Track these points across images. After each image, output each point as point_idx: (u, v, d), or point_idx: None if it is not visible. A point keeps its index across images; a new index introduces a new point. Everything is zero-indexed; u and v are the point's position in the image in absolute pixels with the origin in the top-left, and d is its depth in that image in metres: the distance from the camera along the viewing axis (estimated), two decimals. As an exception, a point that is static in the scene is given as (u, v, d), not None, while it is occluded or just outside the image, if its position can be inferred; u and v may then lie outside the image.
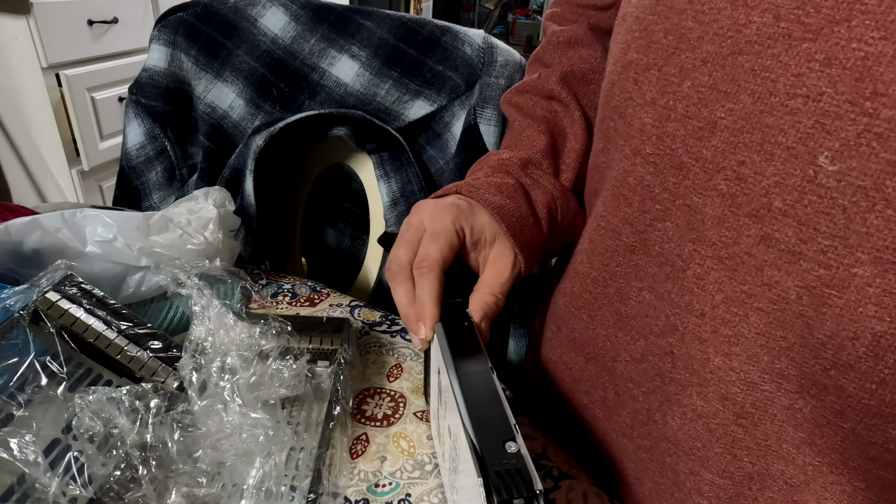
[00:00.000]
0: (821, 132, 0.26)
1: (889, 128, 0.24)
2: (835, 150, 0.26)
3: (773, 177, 0.28)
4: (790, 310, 0.29)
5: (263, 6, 0.76)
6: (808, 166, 0.26)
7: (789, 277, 0.28)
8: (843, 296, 0.27)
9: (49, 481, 0.33)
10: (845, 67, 0.25)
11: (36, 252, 0.46)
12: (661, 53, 0.32)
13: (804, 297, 0.28)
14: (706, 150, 0.31)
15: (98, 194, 1.62)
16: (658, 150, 0.33)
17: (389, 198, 0.72)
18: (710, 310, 0.32)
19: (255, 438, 0.38)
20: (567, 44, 0.52)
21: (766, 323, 0.30)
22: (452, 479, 0.37)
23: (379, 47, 0.71)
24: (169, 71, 0.80)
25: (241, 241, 0.64)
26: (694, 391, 0.34)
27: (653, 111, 0.33)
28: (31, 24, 1.33)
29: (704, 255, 0.32)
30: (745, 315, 0.31)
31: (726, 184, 0.30)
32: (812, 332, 0.28)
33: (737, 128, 0.29)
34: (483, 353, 0.35)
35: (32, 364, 0.37)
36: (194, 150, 0.86)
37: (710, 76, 0.30)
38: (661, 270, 0.35)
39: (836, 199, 0.26)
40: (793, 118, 0.27)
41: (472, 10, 4.92)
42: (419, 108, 0.70)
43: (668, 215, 0.34)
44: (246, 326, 0.43)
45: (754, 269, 0.30)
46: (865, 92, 0.24)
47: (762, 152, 0.28)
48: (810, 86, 0.26)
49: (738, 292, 0.31)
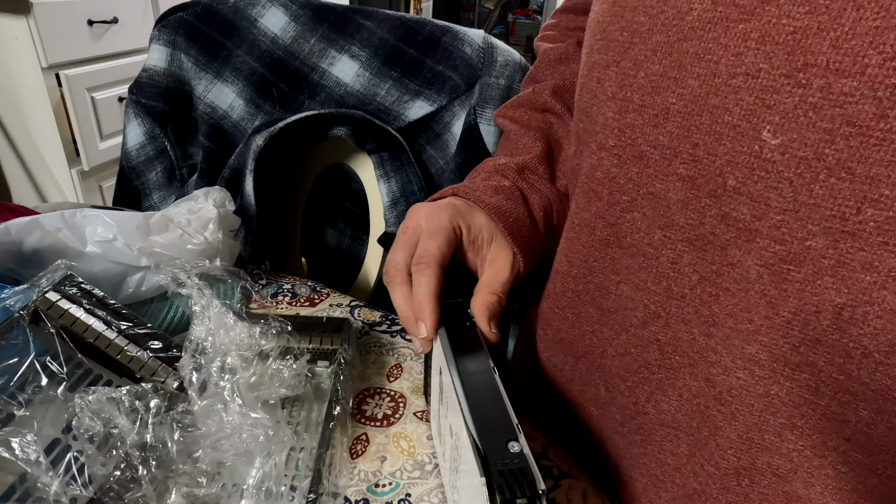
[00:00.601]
0: (762, 107, 0.27)
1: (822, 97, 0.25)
2: (776, 123, 0.26)
3: (724, 156, 0.29)
4: (753, 289, 0.29)
5: (263, 6, 0.76)
6: (754, 142, 0.27)
7: (749, 256, 0.29)
8: (800, 270, 0.27)
9: (50, 481, 0.33)
10: (778, 43, 0.26)
11: (36, 252, 0.46)
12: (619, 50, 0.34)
13: (764, 275, 0.28)
14: (662, 136, 0.31)
15: (98, 194, 1.62)
16: (620, 141, 0.34)
17: (389, 198, 0.72)
18: (688, 291, 0.33)
19: (255, 438, 0.38)
20: (558, 60, 0.54)
21: (733, 304, 0.30)
22: (453, 479, 0.37)
23: (379, 47, 0.71)
24: (169, 71, 0.80)
25: (241, 241, 0.64)
26: (686, 372, 0.34)
27: (613, 105, 0.34)
28: (31, 24, 1.33)
29: (675, 239, 0.32)
30: (716, 296, 0.31)
31: (684, 167, 0.31)
32: (776, 310, 0.28)
33: (687, 111, 0.30)
34: (485, 353, 0.35)
35: (32, 364, 0.37)
36: (194, 150, 0.86)
37: (660, 64, 0.31)
38: (635, 261, 0.36)
39: (782, 173, 0.27)
40: (736, 96, 0.28)
41: (472, 10, 4.92)
42: (419, 108, 0.70)
43: (635, 205, 0.35)
44: (246, 326, 0.43)
45: (719, 248, 0.30)
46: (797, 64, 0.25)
47: (712, 133, 0.29)
48: (749, 63, 0.27)
49: (709, 272, 0.31)
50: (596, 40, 0.36)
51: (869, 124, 0.24)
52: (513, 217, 0.44)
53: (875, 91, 0.23)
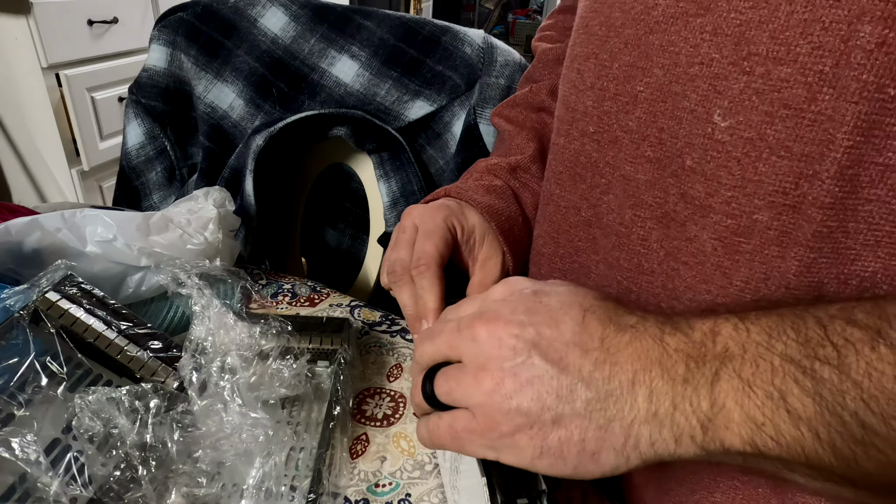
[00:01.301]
0: (713, 93, 0.29)
1: (763, 82, 0.27)
2: (725, 107, 0.29)
3: (683, 138, 0.31)
4: (709, 262, 0.31)
5: (263, 6, 0.76)
6: (707, 125, 0.30)
7: (704, 231, 0.31)
8: (750, 241, 0.30)
9: (50, 481, 0.33)
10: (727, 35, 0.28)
11: (36, 252, 0.46)
12: (597, 43, 0.36)
13: (718, 248, 0.31)
14: (632, 121, 0.34)
15: (98, 194, 1.62)
16: (599, 127, 0.37)
17: (389, 198, 0.72)
18: (657, 266, 0.35)
19: (254, 438, 0.38)
20: (556, 60, 0.55)
21: (692, 277, 0.33)
22: (453, 479, 0.37)
23: (379, 47, 0.71)
24: (169, 71, 0.80)
25: (241, 241, 0.64)
26: None
27: (593, 94, 0.37)
28: (31, 24, 1.33)
29: (644, 217, 0.35)
30: (677, 270, 0.33)
31: (651, 150, 0.33)
32: (730, 280, 0.31)
33: (653, 98, 0.32)
34: None
35: (32, 364, 0.37)
36: (194, 150, 0.86)
37: (630, 55, 0.33)
38: (609, 240, 0.38)
39: (731, 152, 0.29)
40: (693, 84, 0.30)
41: (472, 10, 4.92)
42: (419, 108, 0.70)
43: (611, 187, 0.37)
44: (246, 326, 0.43)
45: (679, 224, 0.33)
46: (743, 53, 0.28)
47: (674, 118, 0.31)
48: (703, 54, 0.29)
49: (672, 247, 0.33)
50: (578, 34, 0.39)
51: (801, 107, 0.27)
52: (504, 216, 0.45)
53: (806, 77, 0.26)
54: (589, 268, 0.40)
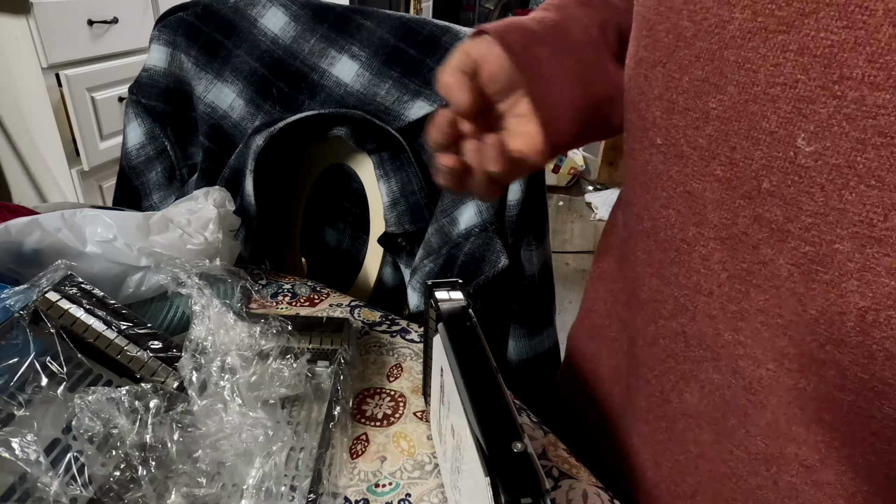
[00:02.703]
0: (798, 116, 0.28)
1: (856, 108, 0.26)
2: (810, 131, 0.27)
3: (760, 160, 0.30)
4: (784, 286, 0.30)
5: (263, 6, 0.76)
6: (789, 148, 0.28)
7: (780, 255, 0.30)
8: (828, 271, 0.28)
9: (50, 481, 0.33)
10: (815, 55, 0.27)
11: (36, 252, 0.46)
12: (665, 51, 0.34)
13: (794, 273, 0.30)
14: (702, 138, 0.33)
15: (98, 194, 1.62)
16: (665, 140, 0.35)
17: (389, 198, 0.72)
18: (716, 288, 0.34)
19: (254, 438, 0.38)
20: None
21: (765, 300, 0.32)
22: (454, 478, 0.37)
23: (379, 47, 0.71)
24: (169, 71, 0.80)
25: (241, 241, 0.64)
26: (709, 365, 0.36)
27: (661, 105, 0.35)
28: (31, 24, 1.33)
29: (707, 236, 0.34)
30: (746, 292, 0.32)
31: (721, 169, 0.32)
32: (805, 308, 0.30)
33: (727, 117, 0.31)
34: (487, 354, 0.36)
35: (32, 364, 0.37)
36: (194, 150, 0.86)
37: (702, 70, 0.32)
38: (667, 256, 0.37)
39: (815, 178, 0.28)
40: (773, 105, 0.29)
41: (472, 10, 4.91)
42: (419, 107, 0.70)
43: (672, 202, 0.36)
44: (246, 326, 0.43)
45: (751, 247, 0.32)
46: (833, 76, 0.26)
47: (749, 138, 0.30)
48: (787, 74, 0.28)
49: (740, 270, 0.32)
50: (643, 36, 0.37)
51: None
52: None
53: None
54: (642, 280, 0.40)
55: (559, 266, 2.32)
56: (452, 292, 0.41)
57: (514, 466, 0.28)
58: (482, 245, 0.66)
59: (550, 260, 0.73)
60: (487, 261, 0.66)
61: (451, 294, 0.41)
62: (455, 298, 0.40)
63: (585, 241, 2.56)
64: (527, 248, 0.70)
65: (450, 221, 0.67)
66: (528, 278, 0.71)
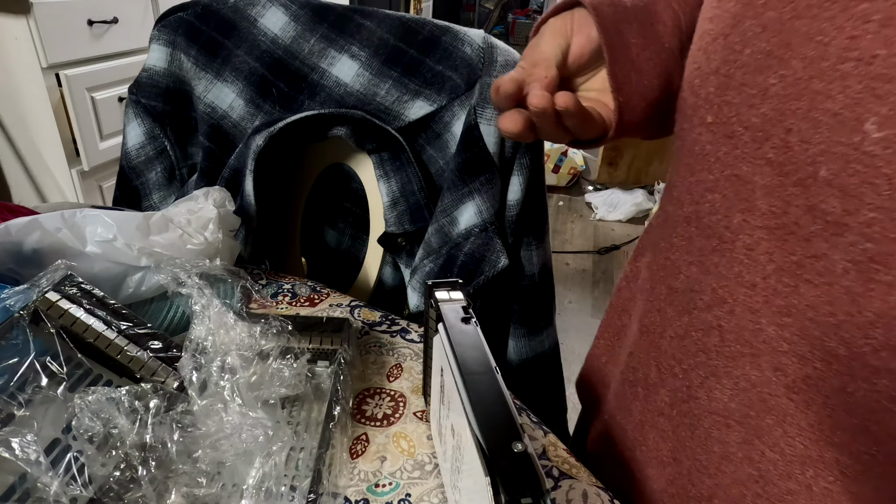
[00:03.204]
0: (870, 97, 0.25)
1: None
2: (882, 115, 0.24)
3: (818, 145, 0.27)
4: (838, 284, 0.28)
5: (263, 6, 0.76)
6: (854, 133, 0.25)
7: (836, 250, 0.27)
8: (890, 272, 0.25)
9: (50, 481, 0.33)
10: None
11: (36, 252, 0.46)
12: (730, 21, 0.32)
13: (851, 271, 0.27)
14: (756, 117, 0.30)
15: (98, 194, 1.62)
16: (716, 118, 0.33)
17: (389, 198, 0.72)
18: (761, 280, 0.32)
19: (254, 438, 0.38)
20: None
21: (816, 296, 0.29)
22: (454, 478, 0.37)
23: (379, 47, 0.71)
24: (169, 71, 0.80)
25: (241, 241, 0.64)
26: (746, 361, 0.34)
27: (716, 80, 0.33)
28: (31, 24, 1.33)
29: (754, 225, 0.31)
30: (795, 287, 0.30)
31: (774, 152, 0.29)
32: (860, 309, 0.27)
33: (786, 94, 0.28)
34: (486, 353, 0.36)
35: (32, 364, 0.37)
36: (194, 150, 0.86)
37: (767, 42, 0.29)
38: (709, 243, 0.35)
39: (881, 169, 0.25)
40: (842, 83, 0.26)
41: (472, 10, 4.92)
42: (419, 108, 0.70)
43: (717, 186, 0.34)
44: (246, 326, 0.43)
45: (803, 239, 0.29)
46: None
47: (809, 119, 0.27)
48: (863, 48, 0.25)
49: (789, 262, 0.30)
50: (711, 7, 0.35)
51: None
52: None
53: None
54: (679, 268, 0.38)
55: (559, 266, 2.32)
56: (452, 292, 0.41)
57: (514, 466, 0.28)
58: (482, 245, 0.66)
59: (550, 260, 0.73)
60: (487, 261, 0.66)
61: (451, 294, 0.41)
62: (455, 298, 0.40)
63: (585, 241, 2.56)
64: (527, 248, 0.70)
65: (450, 221, 0.67)
66: (528, 278, 0.71)
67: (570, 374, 0.72)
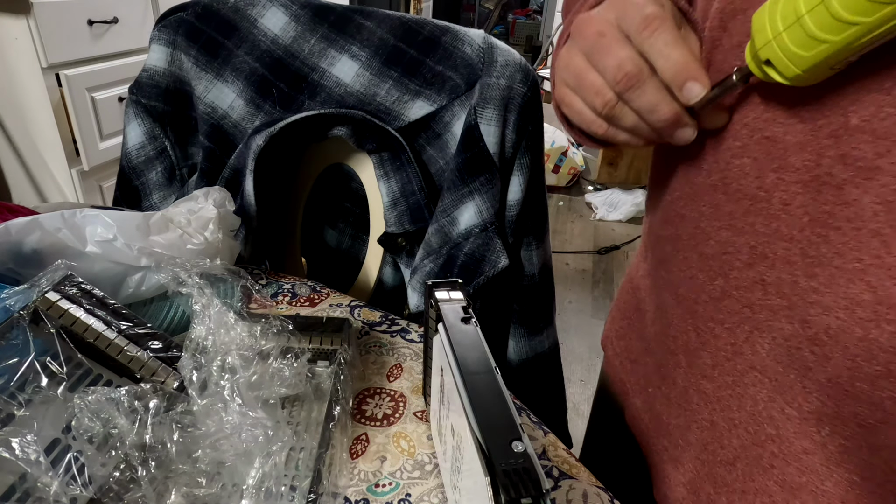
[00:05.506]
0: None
1: None
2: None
3: (850, 95, 0.28)
4: (866, 228, 0.29)
5: (263, 6, 0.76)
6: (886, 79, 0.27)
7: (866, 194, 0.29)
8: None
9: (50, 481, 0.33)
10: None
11: (36, 252, 0.46)
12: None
13: (880, 213, 0.28)
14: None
15: (98, 194, 1.62)
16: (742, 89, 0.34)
17: (389, 198, 0.72)
18: (797, 233, 0.33)
19: (254, 438, 0.38)
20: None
21: (843, 243, 0.30)
22: (454, 478, 0.37)
23: (379, 47, 0.71)
24: (169, 71, 0.80)
25: (241, 241, 0.64)
26: (783, 315, 0.34)
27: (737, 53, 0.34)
28: (31, 24, 1.33)
29: (788, 181, 0.32)
30: (826, 235, 0.31)
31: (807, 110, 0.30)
32: (889, 250, 0.28)
33: None
34: (486, 353, 0.36)
35: (32, 364, 0.37)
36: (194, 150, 0.86)
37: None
38: (739, 206, 0.36)
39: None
40: None
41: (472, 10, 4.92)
42: (419, 108, 0.70)
43: (746, 150, 0.35)
44: (246, 326, 0.43)
45: (835, 188, 0.30)
46: None
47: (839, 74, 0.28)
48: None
49: (821, 213, 0.31)
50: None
51: None
52: None
53: None
54: (709, 234, 0.39)
55: (559, 266, 2.32)
56: (452, 292, 0.41)
57: (514, 466, 0.28)
58: (482, 245, 0.66)
59: (550, 260, 0.73)
60: (487, 261, 0.66)
61: (451, 294, 0.41)
62: (455, 298, 0.40)
63: (585, 241, 2.56)
64: (527, 248, 0.70)
65: (450, 221, 0.67)
66: (528, 278, 0.71)
67: (569, 374, 0.72)
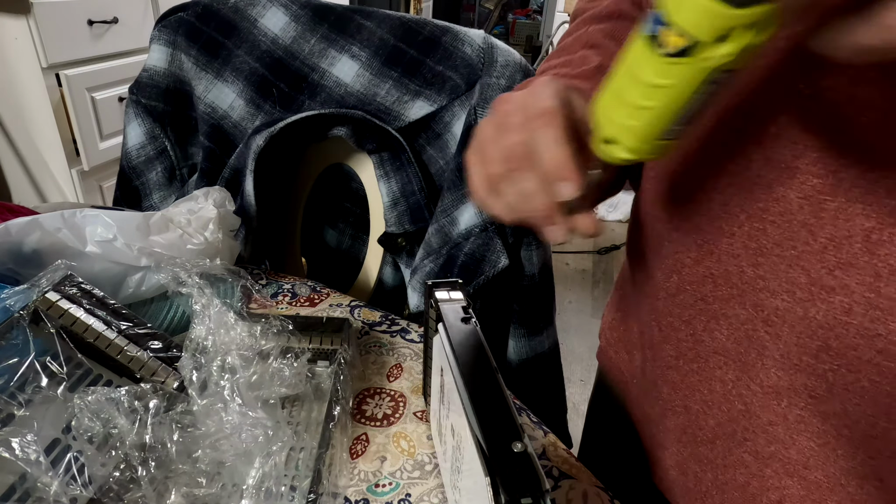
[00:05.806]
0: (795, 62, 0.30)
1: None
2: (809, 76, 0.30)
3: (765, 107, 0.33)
4: (795, 220, 0.33)
5: (263, 6, 0.76)
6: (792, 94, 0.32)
7: (791, 191, 0.33)
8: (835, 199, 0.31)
9: (50, 481, 0.33)
10: None
11: (36, 252, 0.46)
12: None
13: (804, 206, 0.32)
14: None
15: (98, 194, 1.62)
16: None
17: (389, 198, 0.72)
18: (737, 229, 0.36)
19: (254, 438, 0.38)
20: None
21: (779, 234, 0.34)
22: (454, 478, 0.37)
23: (379, 47, 0.71)
24: (169, 71, 0.80)
25: (241, 241, 0.64)
26: (735, 302, 0.38)
27: None
28: (31, 24, 1.33)
29: (724, 183, 0.36)
30: (763, 229, 0.35)
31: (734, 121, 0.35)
32: (815, 237, 0.32)
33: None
34: (487, 353, 0.36)
35: (32, 364, 0.37)
36: (194, 150, 0.86)
37: None
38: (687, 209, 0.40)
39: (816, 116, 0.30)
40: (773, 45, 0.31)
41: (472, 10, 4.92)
42: (419, 108, 0.70)
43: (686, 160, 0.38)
44: (246, 326, 0.43)
45: (765, 187, 0.34)
46: None
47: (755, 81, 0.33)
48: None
49: (756, 209, 0.35)
50: None
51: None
52: None
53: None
54: (663, 235, 0.43)
55: (559, 266, 2.32)
56: (452, 292, 0.41)
57: (514, 466, 0.28)
58: (482, 245, 0.66)
59: (550, 260, 0.73)
60: (487, 261, 0.66)
61: (451, 294, 0.41)
62: (455, 298, 0.40)
63: (585, 241, 2.56)
64: (527, 248, 0.70)
65: (450, 221, 0.67)
66: (528, 278, 0.71)
67: (569, 374, 0.72)
